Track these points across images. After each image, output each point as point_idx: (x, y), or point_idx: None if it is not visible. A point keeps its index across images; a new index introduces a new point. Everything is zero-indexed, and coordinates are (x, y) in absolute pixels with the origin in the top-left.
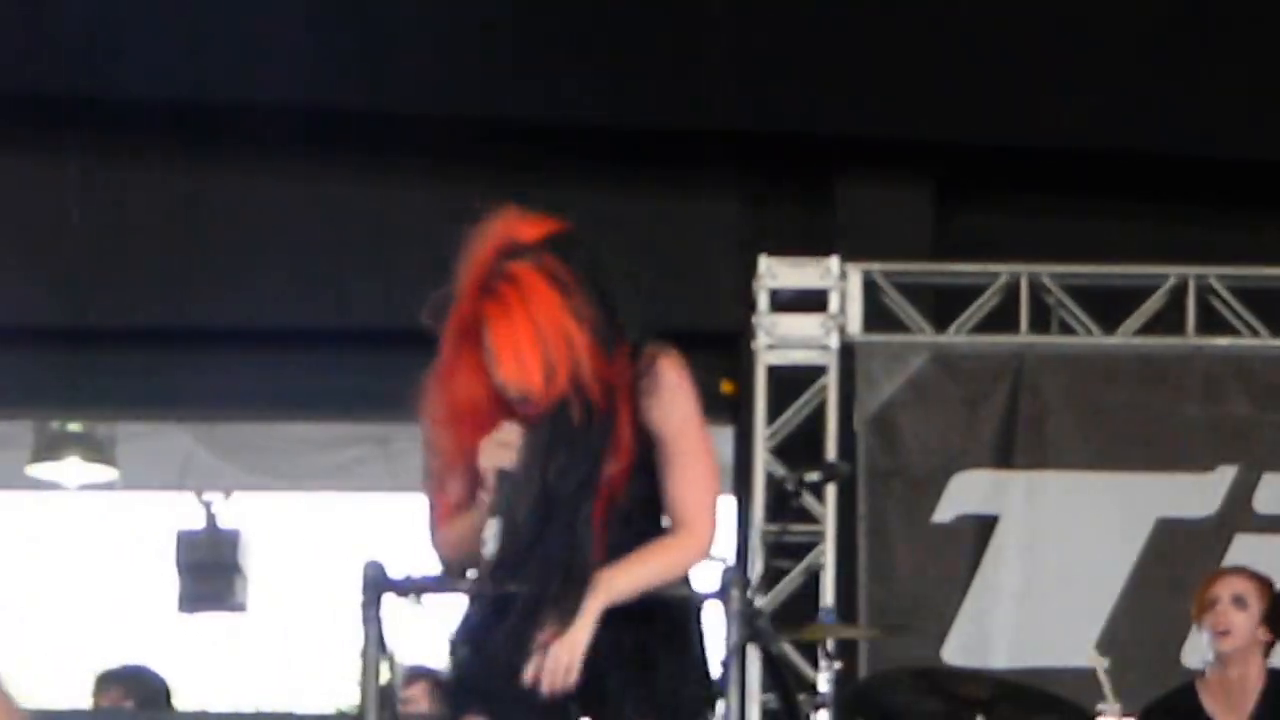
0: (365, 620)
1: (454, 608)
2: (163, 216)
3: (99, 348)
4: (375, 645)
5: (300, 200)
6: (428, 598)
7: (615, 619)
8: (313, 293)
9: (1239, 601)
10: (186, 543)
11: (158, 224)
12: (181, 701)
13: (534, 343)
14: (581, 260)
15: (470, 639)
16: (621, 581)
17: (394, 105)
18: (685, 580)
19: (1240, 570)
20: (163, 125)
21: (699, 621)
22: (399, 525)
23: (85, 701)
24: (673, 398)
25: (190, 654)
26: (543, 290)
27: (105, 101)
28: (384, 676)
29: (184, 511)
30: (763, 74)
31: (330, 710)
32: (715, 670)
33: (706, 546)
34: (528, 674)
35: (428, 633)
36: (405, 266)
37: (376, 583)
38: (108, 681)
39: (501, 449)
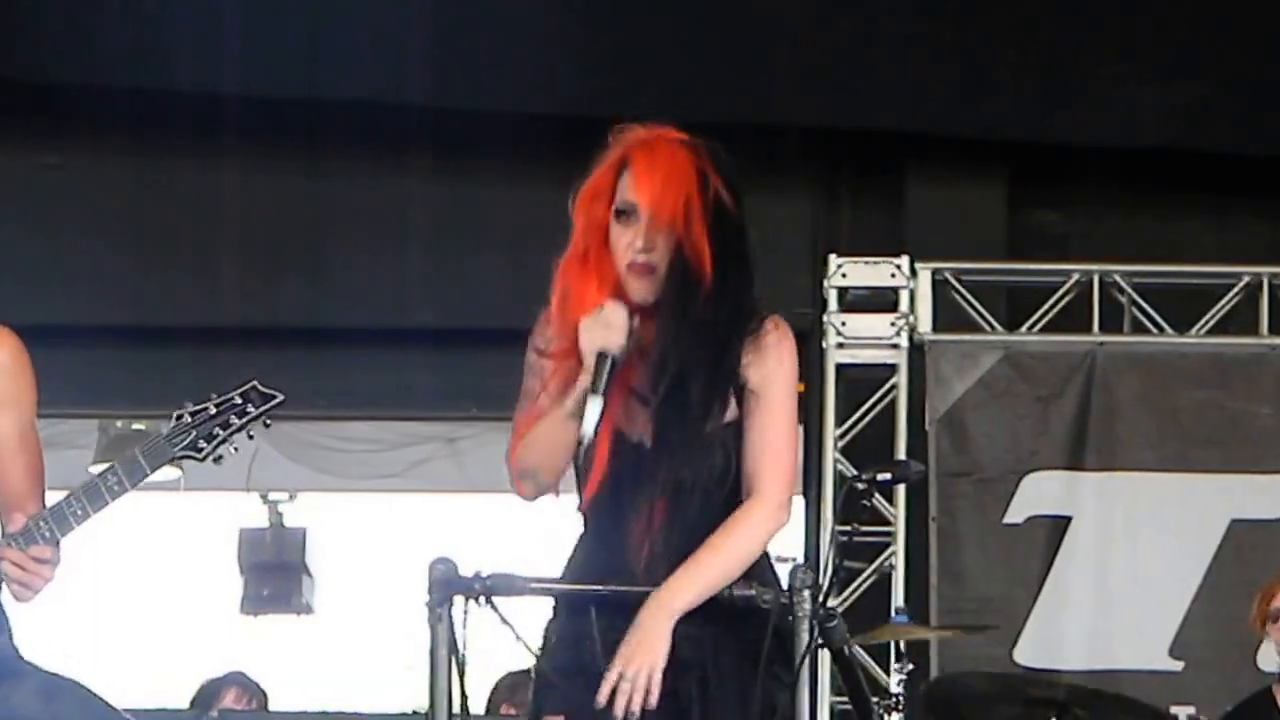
0: (434, 621)
1: (529, 608)
2: (227, 216)
3: (162, 347)
4: (445, 646)
5: (368, 199)
6: (498, 599)
7: (703, 626)
8: (380, 291)
9: None
10: (250, 541)
11: (221, 223)
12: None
13: (676, 180)
14: (721, 166)
15: (553, 639)
16: (683, 596)
17: (467, 102)
18: (774, 580)
19: None
20: (232, 123)
21: (785, 626)
22: (468, 525)
23: (148, 702)
24: (774, 359)
25: (255, 656)
26: (684, 156)
27: (179, 98)
28: (454, 678)
29: (249, 513)
30: (834, 72)
31: (403, 712)
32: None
33: (778, 514)
34: (602, 694)
35: (502, 635)
36: (474, 265)
37: (446, 582)
38: (223, 685)
39: (605, 329)
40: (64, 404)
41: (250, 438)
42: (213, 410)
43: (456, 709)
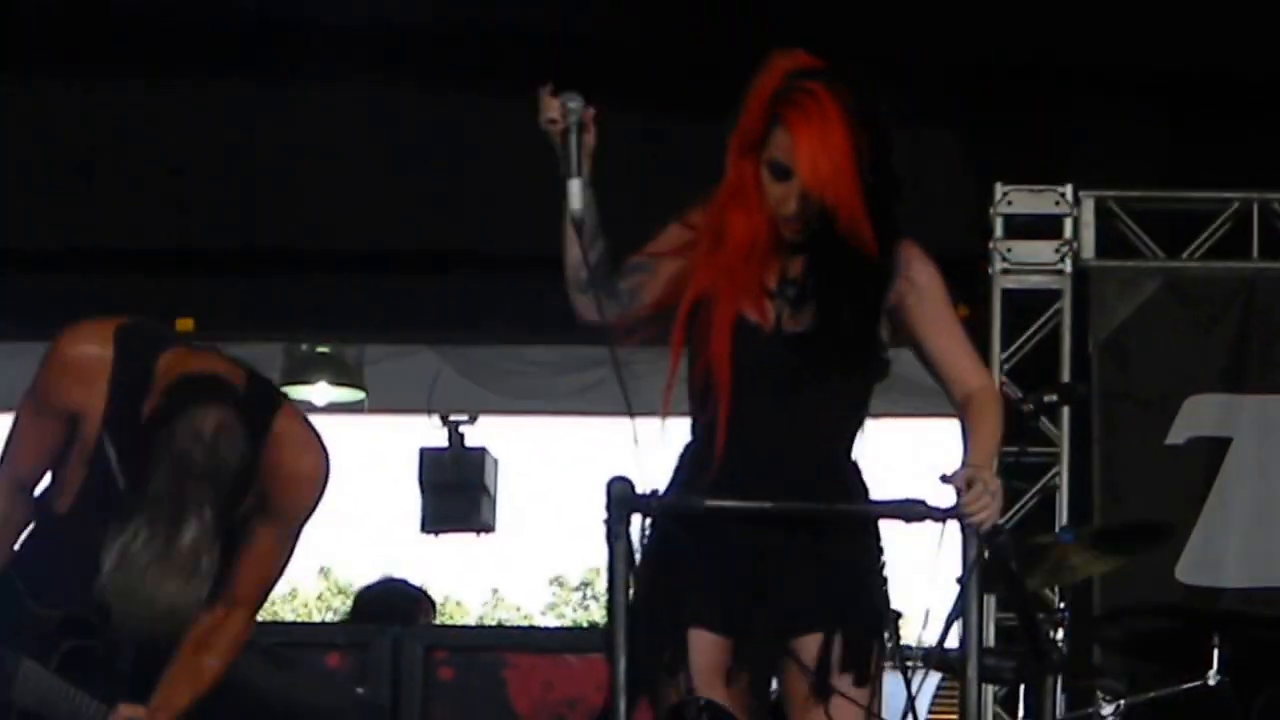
0: (612, 538)
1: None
2: (415, 141)
3: (347, 270)
4: (623, 562)
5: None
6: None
7: (794, 524)
8: (557, 217)
9: None
10: (431, 461)
11: (407, 148)
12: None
13: (832, 150)
14: (864, 100)
15: (652, 560)
16: (989, 447)
17: (603, 32)
18: (865, 494)
19: None
20: (404, 50)
21: (877, 532)
22: (642, 448)
23: (332, 617)
24: (927, 283)
25: (436, 572)
26: (836, 114)
27: (350, 25)
28: (630, 593)
29: (431, 434)
30: (999, 3)
31: (579, 624)
32: (906, 587)
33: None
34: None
35: None
36: (647, 189)
37: (623, 500)
38: (415, 599)
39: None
40: (251, 329)
41: None
42: None
43: None
